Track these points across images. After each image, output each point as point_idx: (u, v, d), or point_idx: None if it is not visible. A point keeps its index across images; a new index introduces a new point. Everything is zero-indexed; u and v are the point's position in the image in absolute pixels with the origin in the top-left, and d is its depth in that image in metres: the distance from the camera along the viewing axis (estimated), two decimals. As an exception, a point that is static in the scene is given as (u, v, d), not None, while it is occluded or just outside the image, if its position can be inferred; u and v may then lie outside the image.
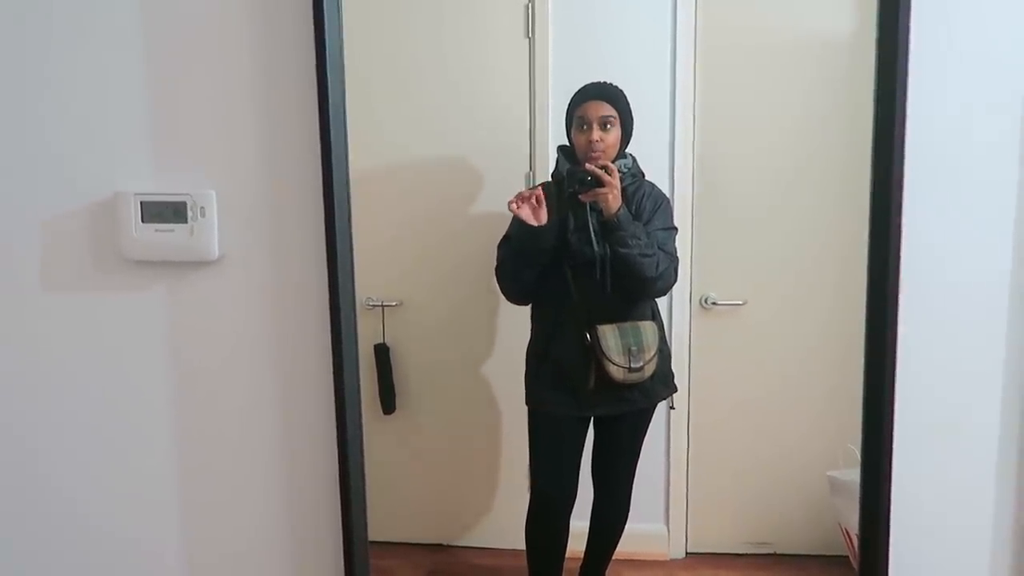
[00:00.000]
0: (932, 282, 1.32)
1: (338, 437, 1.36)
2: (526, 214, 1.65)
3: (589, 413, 1.78)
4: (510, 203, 1.65)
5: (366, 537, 1.43)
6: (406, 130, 1.80)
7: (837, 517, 1.64)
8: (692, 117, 1.73)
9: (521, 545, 1.78)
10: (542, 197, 1.65)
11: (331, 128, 1.28)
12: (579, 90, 1.69)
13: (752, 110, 1.74)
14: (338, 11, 1.29)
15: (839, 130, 1.65)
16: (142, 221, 1.39)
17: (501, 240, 1.72)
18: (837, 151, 1.66)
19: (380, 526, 1.73)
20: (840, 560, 1.63)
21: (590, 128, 1.68)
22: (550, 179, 1.73)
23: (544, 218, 1.65)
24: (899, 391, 1.30)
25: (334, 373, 1.34)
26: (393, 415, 1.82)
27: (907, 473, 1.33)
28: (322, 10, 1.26)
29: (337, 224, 1.29)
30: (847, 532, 1.59)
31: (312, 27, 1.28)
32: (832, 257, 1.68)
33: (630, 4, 1.75)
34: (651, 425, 1.79)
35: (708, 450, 1.81)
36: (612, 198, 1.64)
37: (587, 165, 1.65)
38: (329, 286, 1.31)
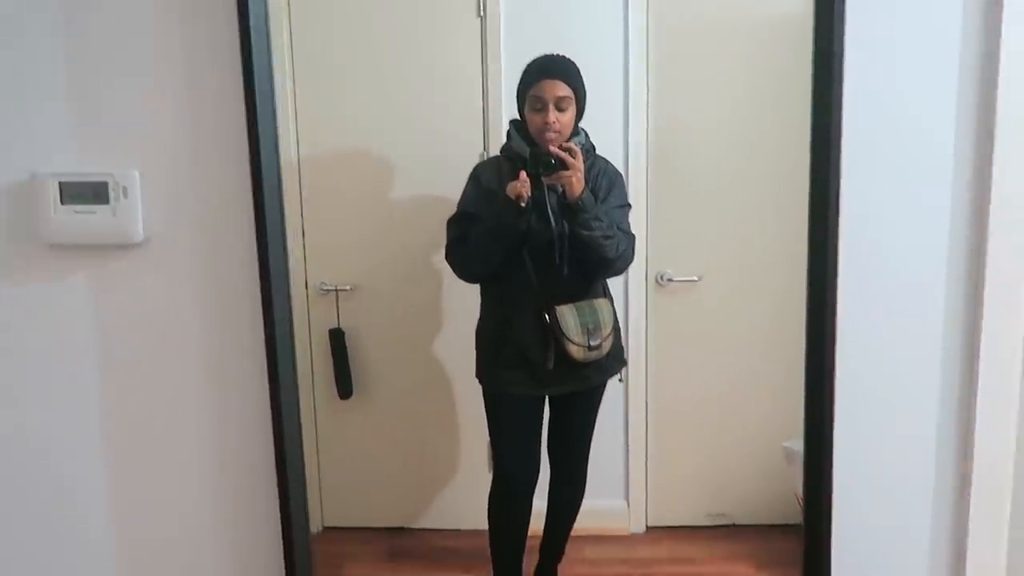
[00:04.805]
0: (870, 265, 1.36)
1: (273, 424, 1.34)
2: (514, 191, 1.61)
3: (548, 392, 1.77)
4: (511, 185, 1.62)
5: (307, 524, 1.40)
6: (359, 113, 1.78)
7: (793, 487, 1.65)
8: (645, 92, 1.73)
9: (482, 525, 1.78)
10: (526, 179, 1.61)
11: (257, 102, 1.25)
12: (532, 65, 1.66)
13: (706, 85, 1.74)
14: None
15: (793, 106, 1.62)
16: (61, 203, 1.34)
17: (452, 218, 1.69)
18: (791, 127, 1.64)
19: (339, 511, 1.73)
20: (796, 528, 1.64)
21: (545, 109, 1.64)
22: (499, 154, 1.71)
23: (526, 197, 1.61)
24: (839, 367, 1.34)
25: (267, 357, 1.31)
26: (350, 399, 1.81)
27: (848, 439, 1.38)
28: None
29: (266, 201, 1.26)
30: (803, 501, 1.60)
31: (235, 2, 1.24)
32: (786, 232, 1.66)
33: (581, -20, 1.74)
34: (610, 402, 1.80)
35: (666, 425, 1.82)
36: (576, 181, 1.61)
37: (551, 148, 1.61)
38: (259, 266, 1.28)
